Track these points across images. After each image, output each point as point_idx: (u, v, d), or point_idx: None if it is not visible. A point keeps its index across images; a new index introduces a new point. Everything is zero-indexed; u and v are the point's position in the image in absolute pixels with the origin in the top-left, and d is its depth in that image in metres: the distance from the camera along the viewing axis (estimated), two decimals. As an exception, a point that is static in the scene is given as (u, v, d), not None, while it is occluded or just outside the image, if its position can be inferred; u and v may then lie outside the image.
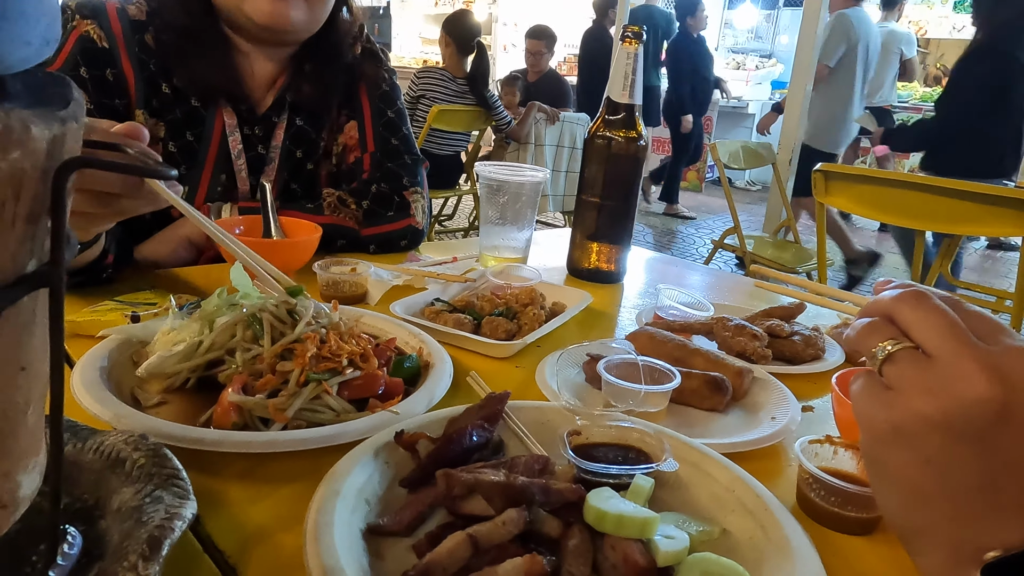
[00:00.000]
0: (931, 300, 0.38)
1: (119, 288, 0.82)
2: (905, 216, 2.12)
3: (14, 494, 0.32)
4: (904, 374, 0.37)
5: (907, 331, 0.38)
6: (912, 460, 0.36)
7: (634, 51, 1.01)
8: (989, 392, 0.34)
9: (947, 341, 0.36)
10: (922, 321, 0.37)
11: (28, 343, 0.32)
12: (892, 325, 0.39)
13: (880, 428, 0.37)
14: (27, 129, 0.26)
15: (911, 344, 0.38)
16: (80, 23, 0.95)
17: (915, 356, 0.37)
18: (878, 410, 0.38)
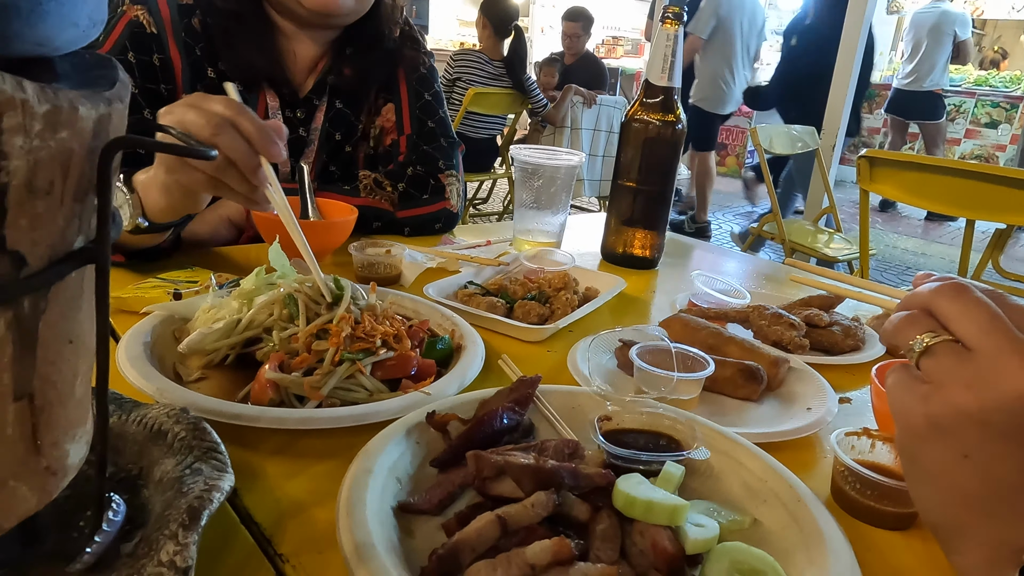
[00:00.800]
0: (971, 292, 0.37)
1: (162, 266, 0.84)
2: (953, 204, 2.05)
3: (62, 462, 0.34)
4: (943, 367, 0.36)
5: (946, 324, 0.37)
6: (950, 456, 0.35)
7: (674, 32, 0.99)
8: None
9: (988, 334, 0.35)
10: (962, 314, 0.36)
11: (75, 317, 0.33)
12: (931, 318, 0.38)
13: (917, 422, 0.37)
14: (75, 109, 0.27)
15: (950, 337, 0.36)
16: (130, 8, 0.97)
17: (954, 349, 0.36)
18: (915, 404, 0.37)
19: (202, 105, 0.67)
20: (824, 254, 3.07)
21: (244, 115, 0.68)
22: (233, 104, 0.68)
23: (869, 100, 7.14)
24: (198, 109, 0.67)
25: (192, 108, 0.67)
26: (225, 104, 0.68)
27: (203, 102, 0.68)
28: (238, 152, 0.67)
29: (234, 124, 0.67)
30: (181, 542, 0.34)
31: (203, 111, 0.66)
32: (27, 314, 0.29)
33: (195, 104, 0.68)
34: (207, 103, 0.68)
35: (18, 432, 0.30)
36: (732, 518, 0.47)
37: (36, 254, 0.28)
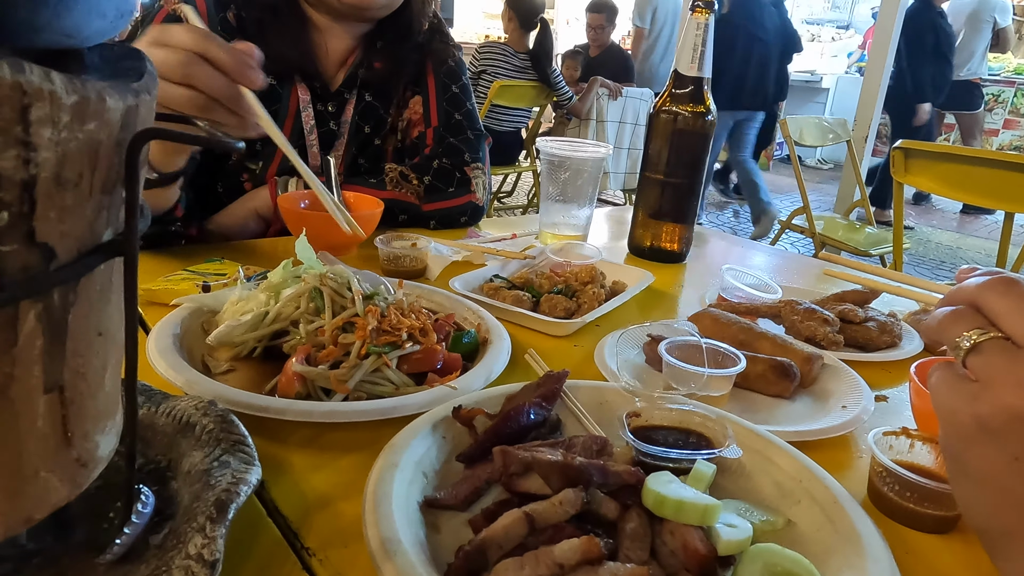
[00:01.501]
0: (1022, 287, 0.35)
1: (192, 258, 0.85)
2: (992, 197, 1.99)
3: (92, 453, 0.34)
4: (992, 366, 0.34)
5: (995, 320, 0.35)
6: (999, 458, 0.34)
7: (705, 21, 0.97)
8: None
9: None
10: (1014, 310, 0.34)
11: (104, 310, 0.33)
12: (978, 314, 0.36)
13: (964, 423, 0.35)
14: (102, 100, 0.27)
15: (1000, 334, 0.35)
16: (168, 2, 0.98)
17: (1005, 347, 0.34)
18: (962, 403, 0.35)
19: (166, 40, 0.64)
20: (856, 248, 3.00)
21: (211, 43, 0.65)
22: (197, 32, 0.65)
23: (903, 90, 6.96)
24: (164, 46, 0.64)
25: (157, 45, 0.64)
26: (189, 35, 0.65)
27: (166, 35, 0.65)
28: (215, 87, 0.64)
29: (204, 55, 0.64)
30: (209, 535, 0.34)
31: (169, 48, 0.64)
32: (57, 306, 0.29)
33: (159, 40, 0.64)
34: (170, 36, 0.64)
35: (48, 424, 0.30)
36: (765, 519, 0.45)
37: (65, 247, 0.28)
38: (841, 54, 7.81)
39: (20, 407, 0.29)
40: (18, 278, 0.26)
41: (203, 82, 0.64)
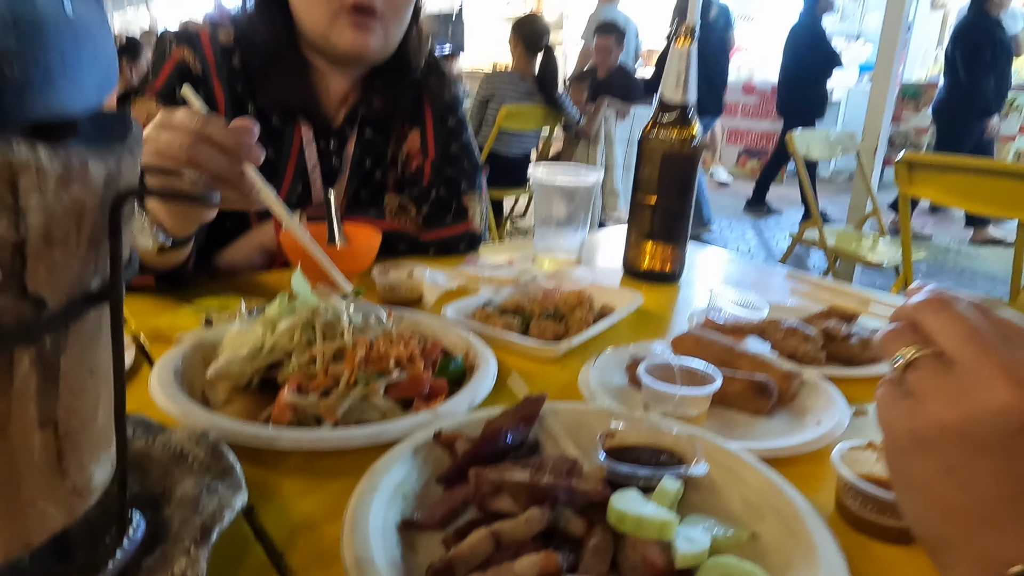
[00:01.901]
0: (954, 305, 0.37)
1: (197, 293, 0.89)
2: (1001, 206, 1.98)
3: (87, 483, 0.37)
4: (925, 381, 0.36)
5: (931, 337, 0.37)
6: (934, 469, 0.36)
7: (687, 50, 1.00)
8: (1012, 401, 0.33)
9: (969, 347, 0.35)
10: (944, 327, 0.36)
11: (95, 350, 0.36)
12: (916, 331, 0.38)
13: (900, 435, 0.37)
14: (85, 166, 0.30)
15: (934, 350, 0.37)
16: (176, 50, 1.04)
17: (937, 363, 0.36)
18: (898, 417, 0.37)
19: (171, 123, 0.69)
20: (869, 260, 2.99)
21: (211, 125, 0.69)
22: (197, 116, 0.70)
23: (915, 99, 6.94)
24: (169, 129, 0.69)
25: (163, 128, 0.69)
26: (190, 117, 0.69)
27: (170, 119, 0.70)
28: (218, 166, 0.69)
29: (205, 137, 0.69)
30: (192, 557, 0.37)
31: (174, 130, 0.69)
32: (49, 350, 0.32)
33: (165, 123, 0.70)
34: (174, 119, 0.70)
35: (44, 457, 0.33)
36: (730, 533, 0.47)
37: (55, 297, 0.31)
38: (851, 65, 7.80)
39: (17, 442, 0.32)
40: (12, 327, 0.29)
41: (206, 162, 0.69)
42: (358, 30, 1.01)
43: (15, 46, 0.27)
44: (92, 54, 0.31)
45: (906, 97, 6.99)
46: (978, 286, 4.20)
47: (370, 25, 1.01)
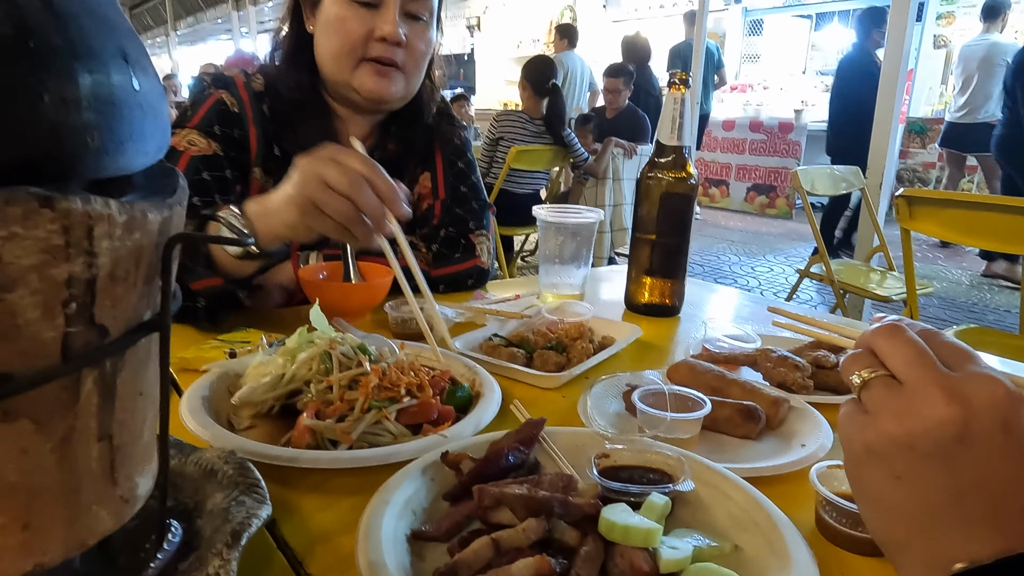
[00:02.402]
0: (904, 332, 0.41)
1: (221, 328, 0.94)
2: (1002, 241, 2.02)
3: (133, 492, 0.42)
4: (876, 398, 0.41)
5: (883, 360, 0.42)
6: (884, 478, 0.40)
7: (681, 96, 1.07)
8: (950, 414, 0.37)
9: (914, 368, 0.39)
10: (893, 350, 0.41)
11: (144, 375, 0.41)
12: (872, 356, 0.43)
13: (856, 448, 0.41)
14: (145, 216, 0.36)
15: (886, 372, 0.41)
16: (215, 92, 1.13)
17: (887, 382, 0.41)
18: (854, 431, 0.41)
19: (342, 161, 0.77)
20: (877, 294, 3.01)
21: (378, 175, 0.77)
22: (369, 163, 0.78)
23: (921, 134, 7.02)
24: (338, 164, 0.76)
25: (332, 163, 0.77)
26: (362, 162, 0.77)
27: (342, 157, 0.77)
28: (371, 208, 0.76)
29: (369, 181, 0.76)
30: (224, 558, 0.42)
31: (343, 167, 0.76)
32: (109, 372, 0.37)
33: (335, 159, 0.77)
34: (347, 159, 0.77)
35: (100, 467, 0.39)
36: (715, 544, 0.51)
37: (116, 326, 0.37)
38: (857, 102, 7.91)
39: (79, 452, 0.37)
40: (81, 352, 0.35)
41: (362, 201, 0.76)
42: (380, 77, 1.09)
43: (95, 120, 0.33)
44: (153, 122, 0.37)
45: (912, 133, 7.07)
46: (987, 320, 4.19)
47: (391, 73, 1.09)
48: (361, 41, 1.06)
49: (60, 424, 0.35)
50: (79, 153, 0.33)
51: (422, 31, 1.11)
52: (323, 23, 1.09)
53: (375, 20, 1.06)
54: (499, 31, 11.42)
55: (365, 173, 0.76)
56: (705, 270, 5.12)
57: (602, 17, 10.31)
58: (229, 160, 1.10)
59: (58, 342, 0.34)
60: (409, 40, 1.08)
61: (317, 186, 0.77)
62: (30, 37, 0.30)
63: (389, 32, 1.05)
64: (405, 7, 1.07)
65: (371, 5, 1.05)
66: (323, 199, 0.76)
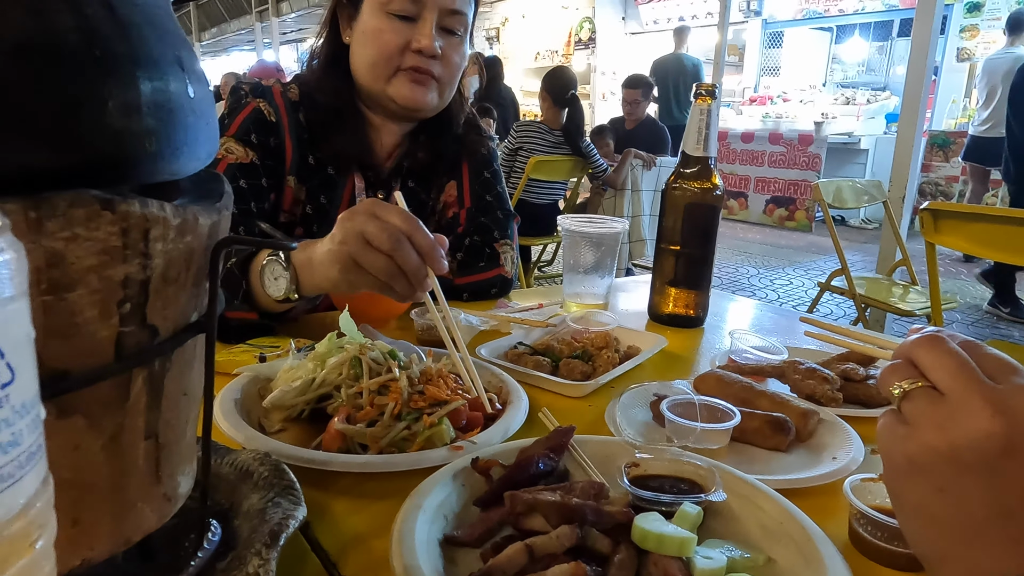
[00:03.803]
0: (945, 343, 0.41)
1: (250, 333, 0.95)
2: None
3: (176, 491, 0.43)
4: (918, 410, 0.40)
5: (923, 371, 0.41)
6: (927, 491, 0.39)
7: (707, 107, 1.07)
8: (994, 427, 0.37)
9: (957, 380, 0.39)
10: (935, 361, 0.41)
11: (189, 375, 0.42)
12: (912, 367, 0.43)
13: (897, 460, 0.41)
14: (196, 219, 0.37)
15: (927, 383, 0.41)
16: (252, 100, 1.15)
17: (929, 394, 0.40)
18: (895, 444, 0.41)
19: (382, 216, 0.75)
20: (899, 308, 2.98)
21: (418, 231, 0.75)
22: (409, 219, 0.75)
23: (944, 148, 6.94)
24: (378, 220, 0.74)
25: (373, 219, 0.75)
26: (402, 218, 0.75)
27: (382, 212, 0.75)
28: (411, 265, 0.74)
29: (410, 237, 0.74)
30: (264, 558, 0.42)
31: (383, 223, 0.74)
32: (157, 372, 0.38)
33: (375, 214, 0.75)
34: (386, 215, 0.75)
35: (146, 465, 0.39)
36: (747, 556, 0.51)
37: (165, 327, 0.38)
38: (878, 116, 7.86)
39: (128, 449, 0.38)
40: (133, 351, 0.36)
41: (402, 257, 0.74)
42: (416, 85, 1.11)
43: (154, 126, 0.34)
44: (205, 128, 0.38)
45: (935, 146, 6.99)
46: (1015, 337, 4.12)
47: (427, 82, 1.11)
48: (397, 52, 1.08)
49: (111, 421, 0.36)
50: (138, 157, 0.34)
51: (457, 45, 1.13)
52: (360, 34, 1.11)
53: (412, 33, 1.08)
54: (517, 43, 11.50)
55: (405, 229, 0.75)
56: (723, 282, 5.09)
57: (621, 30, 10.35)
58: (265, 168, 1.12)
59: (112, 341, 0.35)
60: (444, 53, 1.10)
61: (357, 243, 0.75)
62: (96, 45, 0.31)
63: (426, 45, 1.07)
64: (441, 22, 1.09)
65: (408, 19, 1.07)
66: (364, 256, 0.75)
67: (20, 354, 0.20)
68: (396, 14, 1.07)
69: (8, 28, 0.28)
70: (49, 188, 0.30)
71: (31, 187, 0.30)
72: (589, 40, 10.36)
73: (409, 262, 0.74)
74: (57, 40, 0.30)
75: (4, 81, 0.28)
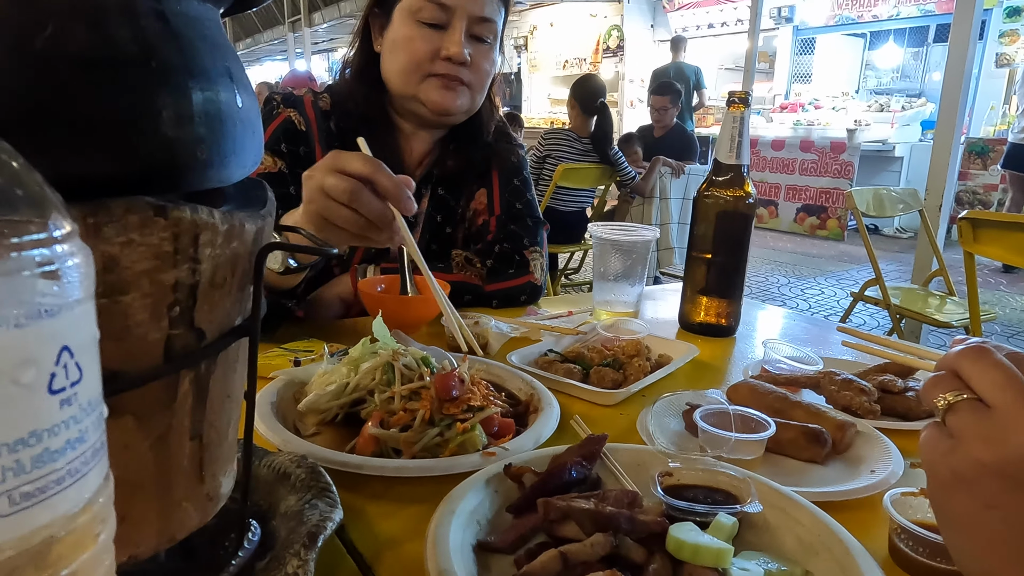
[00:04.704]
0: (991, 355, 0.40)
1: (285, 337, 0.97)
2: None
3: (218, 491, 0.44)
4: (963, 423, 0.39)
5: (969, 384, 0.41)
6: (974, 506, 0.38)
7: (740, 115, 1.06)
8: None
9: (1004, 392, 0.38)
10: (981, 374, 0.40)
11: (232, 378, 0.43)
12: (957, 378, 0.42)
13: (942, 474, 0.40)
14: (243, 226, 0.38)
15: (972, 395, 0.40)
16: (284, 110, 1.18)
17: (974, 406, 0.39)
18: (940, 457, 0.40)
19: (342, 166, 0.75)
20: (936, 319, 2.91)
21: (380, 173, 0.76)
22: (370, 162, 0.76)
23: (982, 155, 6.78)
24: (338, 173, 0.75)
25: (332, 172, 0.75)
26: (362, 163, 0.75)
27: (342, 162, 0.75)
28: (374, 212, 0.76)
29: (371, 182, 0.75)
30: (302, 558, 0.43)
31: (342, 175, 0.75)
32: (203, 374, 0.39)
33: (333, 166, 0.75)
34: (347, 163, 0.75)
35: (191, 464, 0.40)
36: (784, 569, 0.50)
37: (211, 330, 0.38)
38: (913, 123, 7.71)
39: (174, 449, 0.39)
40: (181, 353, 0.37)
41: (364, 206, 0.76)
42: (446, 90, 1.12)
43: (204, 134, 0.35)
44: (251, 137, 0.39)
45: (973, 154, 6.84)
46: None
47: (456, 87, 1.13)
48: (427, 59, 1.10)
49: (159, 422, 0.37)
50: (189, 165, 0.35)
51: (486, 52, 1.14)
52: (391, 42, 1.13)
53: (442, 40, 1.09)
54: (546, 51, 11.54)
55: (365, 174, 0.75)
56: (753, 291, 5.02)
57: (649, 37, 10.32)
58: (293, 177, 1.14)
59: (161, 343, 0.36)
60: (474, 59, 1.11)
61: (321, 199, 0.76)
62: (153, 57, 0.32)
63: (455, 52, 1.08)
64: (471, 29, 1.10)
65: (438, 26, 1.09)
66: (329, 212, 0.76)
67: (87, 354, 0.21)
68: (426, 22, 1.09)
69: (72, 42, 0.29)
70: (104, 194, 0.31)
71: (88, 193, 0.31)
72: (617, 48, 10.35)
73: (372, 209, 0.75)
74: (116, 53, 0.31)
75: (67, 92, 0.29)
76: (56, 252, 0.19)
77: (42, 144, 0.29)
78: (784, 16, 9.08)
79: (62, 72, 0.29)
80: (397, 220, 0.79)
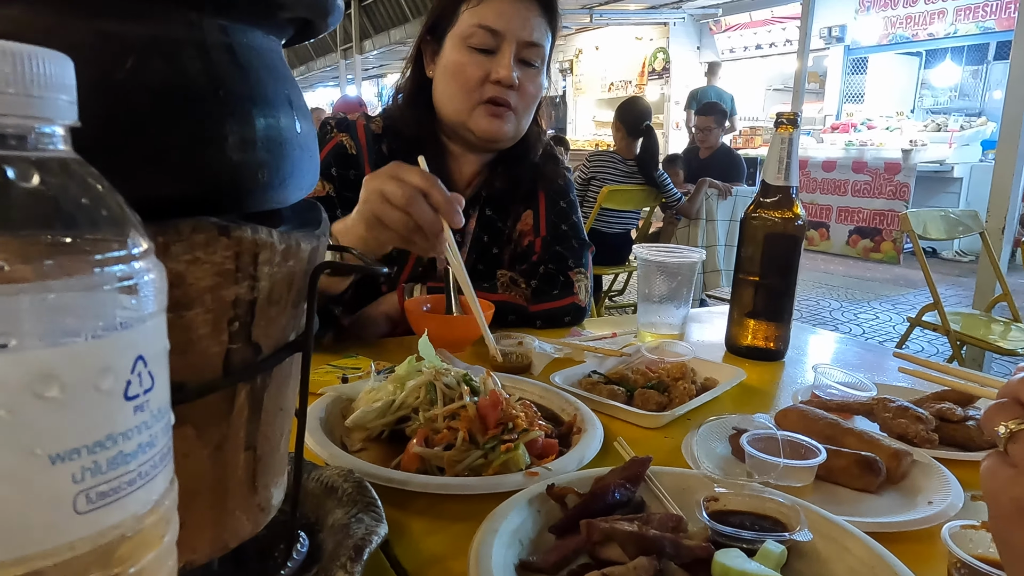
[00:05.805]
0: None
1: (334, 355, 1.00)
2: None
3: (269, 502, 0.45)
4: None
5: None
6: (1038, 539, 0.37)
7: (788, 136, 1.05)
8: None
9: None
10: None
11: (285, 392, 0.45)
12: (1020, 406, 0.40)
13: (1004, 505, 0.38)
14: (299, 245, 0.40)
15: None
16: (336, 135, 1.23)
17: None
18: (1002, 487, 0.39)
19: (401, 176, 0.84)
20: (999, 346, 2.78)
21: (435, 187, 0.84)
22: (427, 177, 0.84)
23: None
24: (398, 180, 0.84)
25: (392, 179, 0.84)
26: (420, 176, 0.84)
27: (402, 173, 0.84)
28: (425, 220, 0.83)
29: (426, 194, 0.83)
30: (348, 571, 0.44)
31: (402, 182, 0.83)
32: (258, 387, 0.41)
33: (395, 175, 0.84)
34: (406, 174, 0.84)
35: (245, 474, 0.42)
36: (835, 601, 0.48)
37: (267, 344, 0.40)
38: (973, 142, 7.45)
39: (229, 459, 0.40)
40: (239, 367, 0.38)
41: (418, 213, 0.84)
42: (494, 118, 1.16)
43: (266, 158, 0.37)
44: (308, 161, 0.41)
45: (1038, 174, 6.54)
46: None
47: (504, 114, 1.16)
48: (478, 84, 1.13)
49: (216, 432, 0.39)
50: (250, 187, 0.37)
51: (534, 76, 1.16)
52: (442, 68, 1.16)
53: (491, 65, 1.12)
54: (591, 74, 11.61)
55: (422, 186, 0.83)
56: (804, 315, 4.89)
57: (695, 59, 10.28)
58: (341, 200, 1.18)
59: (221, 357, 0.37)
60: (521, 83, 1.14)
61: (378, 200, 0.84)
62: (221, 87, 0.34)
63: (504, 76, 1.11)
64: (519, 54, 1.13)
65: (489, 52, 1.12)
66: (383, 213, 0.83)
67: (158, 364, 0.22)
68: (477, 47, 1.12)
69: (149, 74, 0.32)
70: (172, 215, 0.33)
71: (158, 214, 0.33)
72: (663, 70, 10.34)
73: (424, 217, 0.82)
74: (188, 83, 0.33)
75: (144, 120, 0.31)
76: (134, 268, 0.21)
77: (121, 168, 0.31)
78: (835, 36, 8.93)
79: (140, 102, 0.31)
80: (445, 232, 0.85)
